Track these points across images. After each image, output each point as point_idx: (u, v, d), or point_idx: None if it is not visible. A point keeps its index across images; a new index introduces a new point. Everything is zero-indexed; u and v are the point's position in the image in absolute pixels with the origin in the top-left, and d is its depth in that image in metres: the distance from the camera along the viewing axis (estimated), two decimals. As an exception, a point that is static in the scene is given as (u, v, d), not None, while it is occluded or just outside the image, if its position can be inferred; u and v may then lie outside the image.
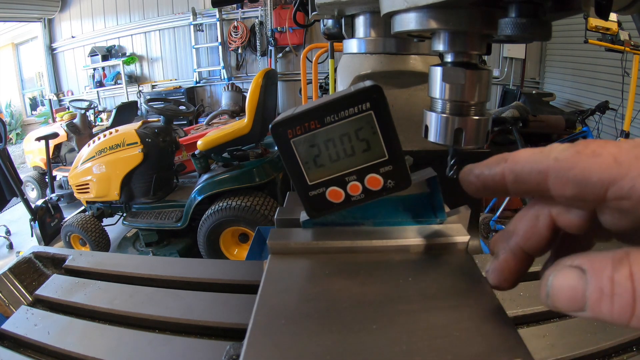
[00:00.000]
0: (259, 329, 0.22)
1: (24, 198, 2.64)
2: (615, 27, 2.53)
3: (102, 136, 2.52)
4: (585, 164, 0.18)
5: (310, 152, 0.27)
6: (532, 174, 0.19)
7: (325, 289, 0.26)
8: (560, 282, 0.18)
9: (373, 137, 0.26)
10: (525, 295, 0.43)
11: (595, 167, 0.17)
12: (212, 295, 0.46)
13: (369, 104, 0.25)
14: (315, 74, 2.77)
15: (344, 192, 0.28)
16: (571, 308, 0.18)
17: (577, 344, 0.37)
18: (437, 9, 0.29)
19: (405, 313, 0.23)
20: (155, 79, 6.24)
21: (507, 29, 0.27)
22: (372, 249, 0.29)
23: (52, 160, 3.33)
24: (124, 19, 6.07)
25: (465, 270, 0.27)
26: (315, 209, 0.29)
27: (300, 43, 5.38)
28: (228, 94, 5.00)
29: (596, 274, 0.17)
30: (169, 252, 2.46)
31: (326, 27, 0.56)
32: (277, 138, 0.26)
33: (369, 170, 0.27)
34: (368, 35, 0.49)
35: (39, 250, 0.58)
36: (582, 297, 0.17)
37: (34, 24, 6.43)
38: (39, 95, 7.36)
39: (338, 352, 0.20)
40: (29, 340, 0.41)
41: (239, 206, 2.16)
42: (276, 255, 0.30)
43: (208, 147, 2.32)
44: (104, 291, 0.48)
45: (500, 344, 0.21)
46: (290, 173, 0.28)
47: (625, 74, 2.93)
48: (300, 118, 0.26)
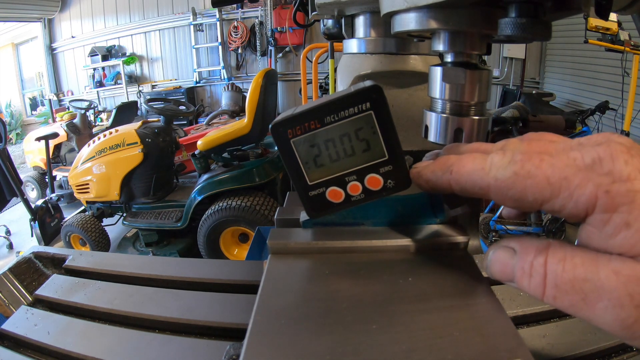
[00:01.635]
0: (259, 329, 0.22)
1: (24, 198, 2.64)
2: (615, 27, 2.53)
3: (102, 136, 2.52)
4: (521, 186, 0.20)
5: (310, 152, 0.27)
6: (475, 188, 0.22)
7: (325, 289, 0.26)
8: (497, 257, 0.23)
9: (373, 137, 0.26)
10: (525, 295, 0.43)
11: (530, 189, 0.20)
12: (212, 295, 0.46)
13: (369, 103, 0.25)
14: (315, 74, 2.77)
15: (344, 192, 0.28)
16: (503, 278, 0.22)
17: (577, 344, 0.37)
18: (437, 9, 0.29)
19: (405, 313, 0.23)
20: (155, 79, 6.24)
21: (507, 29, 0.27)
22: (372, 249, 0.29)
23: (52, 160, 3.33)
24: (124, 19, 6.07)
25: (465, 270, 0.27)
26: (315, 209, 0.29)
27: (300, 43, 5.38)
28: (228, 94, 5.00)
29: (522, 257, 0.21)
30: (169, 252, 2.46)
31: (326, 27, 0.56)
32: (277, 138, 0.26)
33: (369, 170, 0.27)
34: (368, 35, 0.49)
35: (39, 250, 0.58)
36: (511, 272, 0.22)
37: (34, 24, 6.43)
38: (39, 95, 7.36)
39: (338, 352, 0.20)
40: (29, 340, 0.41)
41: (239, 206, 2.16)
42: (276, 255, 0.30)
43: (208, 147, 2.32)
44: (104, 291, 0.48)
45: (500, 344, 0.21)
46: (290, 173, 0.28)
47: (625, 74, 2.92)
48: (300, 118, 0.26)
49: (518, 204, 0.21)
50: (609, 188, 0.18)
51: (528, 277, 0.21)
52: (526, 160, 0.20)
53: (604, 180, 0.18)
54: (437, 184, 0.24)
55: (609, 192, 0.18)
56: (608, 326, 0.19)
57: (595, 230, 0.19)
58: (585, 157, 0.19)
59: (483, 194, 0.22)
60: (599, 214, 0.19)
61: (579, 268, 0.19)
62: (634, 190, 0.18)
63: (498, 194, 0.21)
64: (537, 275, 0.20)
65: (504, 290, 0.45)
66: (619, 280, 0.18)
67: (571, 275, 0.19)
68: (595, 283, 0.18)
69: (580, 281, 0.19)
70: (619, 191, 0.18)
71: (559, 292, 0.20)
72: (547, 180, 0.19)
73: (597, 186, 0.18)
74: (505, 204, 0.22)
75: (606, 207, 0.18)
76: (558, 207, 0.20)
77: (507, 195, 0.21)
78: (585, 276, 0.19)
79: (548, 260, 0.20)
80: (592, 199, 0.18)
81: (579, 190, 0.19)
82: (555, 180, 0.19)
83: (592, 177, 0.19)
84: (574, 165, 0.19)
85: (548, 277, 0.20)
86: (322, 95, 3.05)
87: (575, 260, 0.19)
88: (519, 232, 2.33)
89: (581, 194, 0.19)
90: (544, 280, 0.20)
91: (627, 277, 0.18)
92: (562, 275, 0.19)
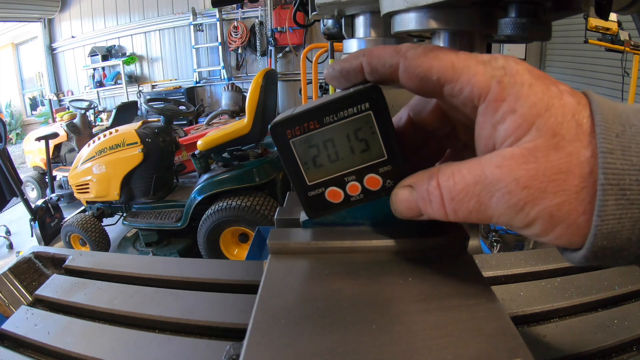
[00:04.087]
0: (259, 329, 0.22)
1: (24, 198, 2.64)
2: (615, 27, 2.53)
3: (102, 136, 2.52)
4: (428, 65, 0.22)
5: (309, 152, 0.27)
6: (385, 67, 0.23)
7: (325, 289, 0.26)
8: (399, 197, 0.25)
9: (372, 137, 0.26)
10: (525, 295, 0.43)
11: (436, 69, 0.22)
12: (212, 295, 0.46)
13: (368, 104, 0.25)
14: (315, 74, 2.77)
15: (343, 192, 0.28)
16: (411, 215, 0.25)
17: (577, 344, 0.37)
18: (437, 9, 0.29)
19: (405, 313, 0.23)
20: (155, 79, 6.24)
21: (507, 29, 0.27)
22: (372, 249, 0.29)
23: (52, 160, 3.33)
24: (124, 19, 6.07)
25: (465, 270, 0.27)
26: (314, 210, 0.29)
27: (300, 43, 5.38)
28: (228, 94, 5.00)
29: (418, 188, 0.24)
30: (169, 252, 2.46)
31: (326, 27, 0.56)
32: (276, 138, 0.26)
33: (368, 170, 0.27)
34: (368, 35, 0.49)
35: (39, 250, 0.58)
36: (416, 206, 0.24)
37: (34, 24, 6.43)
38: (39, 95, 7.36)
39: (338, 352, 0.20)
40: (29, 340, 0.41)
41: (239, 206, 2.16)
42: (276, 255, 0.30)
43: (208, 147, 2.32)
44: (104, 291, 0.48)
45: (500, 344, 0.21)
46: (289, 173, 0.28)
47: (625, 74, 2.92)
48: (299, 118, 0.26)
49: (422, 83, 0.22)
50: (501, 79, 0.20)
51: (429, 203, 0.23)
52: (435, 48, 0.23)
53: (498, 72, 0.21)
54: (350, 69, 0.25)
55: (500, 82, 0.20)
56: (505, 218, 0.21)
57: (486, 119, 0.21)
58: (485, 56, 0.22)
59: (392, 74, 0.23)
60: (491, 103, 0.21)
61: (467, 176, 0.21)
62: (521, 82, 0.20)
63: (405, 73, 0.23)
64: (435, 198, 0.22)
65: (504, 290, 0.45)
66: (503, 171, 0.20)
67: (462, 184, 0.21)
68: (484, 182, 0.20)
69: (471, 186, 0.21)
70: (509, 82, 0.20)
71: (457, 204, 0.22)
72: (451, 63, 0.21)
73: (492, 77, 0.21)
74: (411, 84, 0.23)
75: (497, 96, 0.20)
76: (457, 90, 0.21)
77: (414, 73, 0.22)
78: (474, 180, 0.21)
79: (439, 181, 0.22)
80: (486, 86, 0.21)
81: (476, 78, 0.21)
82: (459, 66, 0.21)
83: (488, 69, 0.21)
84: (475, 58, 0.22)
85: (444, 195, 0.22)
86: (322, 95, 3.04)
87: (463, 171, 0.21)
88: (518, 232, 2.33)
89: (477, 80, 0.21)
90: (442, 200, 0.22)
91: (510, 165, 0.20)
92: (455, 188, 0.21)
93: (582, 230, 0.19)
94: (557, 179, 0.19)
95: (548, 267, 0.48)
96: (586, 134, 0.19)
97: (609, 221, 0.18)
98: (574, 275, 0.47)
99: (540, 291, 0.44)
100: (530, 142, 0.20)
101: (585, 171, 0.19)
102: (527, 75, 0.20)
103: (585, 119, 0.20)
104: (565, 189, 0.19)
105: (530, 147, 0.20)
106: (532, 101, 0.20)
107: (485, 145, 0.22)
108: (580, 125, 0.19)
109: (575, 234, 0.20)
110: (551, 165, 0.19)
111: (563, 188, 0.19)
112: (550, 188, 0.19)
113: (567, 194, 0.19)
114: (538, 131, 0.19)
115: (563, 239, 0.20)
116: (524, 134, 0.20)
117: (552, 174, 0.19)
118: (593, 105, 0.20)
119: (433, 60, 0.22)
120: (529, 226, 0.20)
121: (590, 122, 0.19)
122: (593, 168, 0.19)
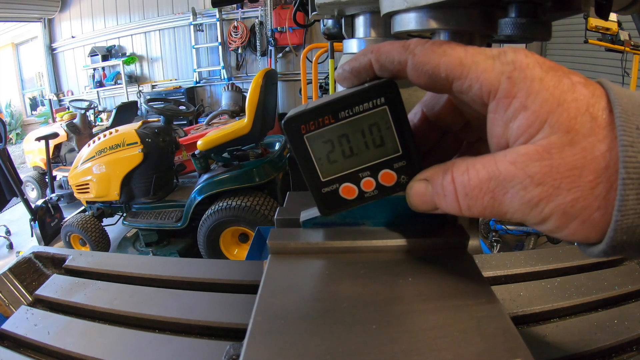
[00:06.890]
0: (259, 329, 0.22)
1: (24, 198, 2.64)
2: (615, 27, 2.53)
3: (102, 136, 2.51)
4: (436, 62, 0.21)
5: (323, 148, 0.26)
6: (393, 64, 0.23)
7: (325, 289, 0.26)
8: (415, 190, 0.25)
9: (387, 133, 0.26)
10: (525, 295, 0.43)
11: (444, 65, 0.21)
12: (212, 295, 0.46)
13: (384, 99, 0.25)
14: (315, 74, 2.77)
15: (358, 188, 0.27)
16: (425, 208, 0.25)
17: (577, 343, 0.37)
18: (437, 9, 0.29)
19: (405, 313, 0.23)
20: (155, 79, 6.23)
21: (507, 29, 0.27)
22: (372, 249, 0.29)
23: (52, 160, 3.33)
24: (124, 19, 6.06)
25: (465, 270, 0.27)
26: (328, 206, 0.28)
27: (300, 43, 5.38)
28: (228, 94, 4.99)
29: (433, 183, 0.24)
30: (169, 252, 2.46)
31: (326, 27, 0.56)
32: (290, 134, 0.26)
33: (382, 165, 0.27)
34: (368, 35, 0.49)
35: (39, 250, 0.58)
36: (431, 200, 0.24)
37: (34, 24, 6.42)
38: (39, 95, 7.36)
39: (338, 352, 0.20)
40: (29, 340, 0.41)
41: (239, 206, 2.16)
42: (276, 255, 0.30)
43: (208, 147, 2.32)
44: (104, 291, 0.48)
45: (500, 344, 0.21)
46: (302, 170, 0.27)
47: (625, 74, 2.92)
48: (313, 113, 0.25)
49: (431, 80, 0.22)
50: (511, 74, 0.20)
51: (443, 198, 0.23)
52: (444, 43, 0.22)
53: (507, 68, 0.20)
54: (360, 68, 0.25)
55: (510, 77, 0.20)
56: (520, 214, 0.20)
57: (498, 117, 0.21)
58: (494, 51, 0.21)
59: (400, 71, 0.23)
60: (501, 100, 0.20)
61: (482, 172, 0.21)
62: (531, 77, 0.20)
63: (414, 70, 0.22)
64: (449, 193, 0.22)
65: (504, 290, 0.45)
66: (517, 167, 0.20)
67: (476, 180, 0.21)
68: (498, 178, 0.20)
69: (485, 182, 0.21)
70: (519, 77, 0.20)
71: (471, 200, 0.21)
72: (460, 60, 0.21)
73: (501, 73, 0.20)
74: (420, 81, 0.23)
75: (507, 93, 0.20)
76: (466, 87, 0.21)
77: (422, 70, 0.22)
78: (488, 176, 0.21)
79: (454, 176, 0.22)
80: (495, 83, 0.20)
81: (485, 74, 0.20)
82: (467, 62, 0.21)
83: (497, 64, 0.20)
84: (483, 53, 0.21)
85: (458, 190, 0.22)
86: (322, 95, 3.04)
87: (477, 167, 0.21)
88: (518, 232, 2.34)
89: (487, 77, 0.20)
90: (456, 195, 0.22)
91: (524, 162, 0.20)
92: (469, 184, 0.21)
93: (598, 226, 0.19)
94: (571, 175, 0.19)
95: (548, 267, 0.48)
96: (601, 127, 0.19)
97: (630, 216, 0.18)
98: (574, 275, 0.47)
99: (540, 291, 0.44)
100: (544, 139, 0.19)
101: (600, 166, 0.18)
102: (537, 69, 0.20)
103: (601, 111, 0.19)
104: (579, 185, 0.19)
105: (544, 144, 0.19)
106: (544, 97, 0.19)
107: (497, 143, 0.22)
108: (595, 118, 0.19)
109: (591, 230, 0.19)
110: (565, 161, 0.19)
111: (577, 184, 0.19)
112: (564, 185, 0.19)
113: (581, 190, 0.19)
114: (551, 128, 0.19)
115: (579, 235, 0.20)
116: (537, 131, 0.20)
117: (566, 170, 0.19)
118: (611, 96, 0.19)
119: (441, 56, 0.21)
120: (543, 222, 0.20)
121: (606, 114, 0.19)
122: (609, 162, 0.18)
